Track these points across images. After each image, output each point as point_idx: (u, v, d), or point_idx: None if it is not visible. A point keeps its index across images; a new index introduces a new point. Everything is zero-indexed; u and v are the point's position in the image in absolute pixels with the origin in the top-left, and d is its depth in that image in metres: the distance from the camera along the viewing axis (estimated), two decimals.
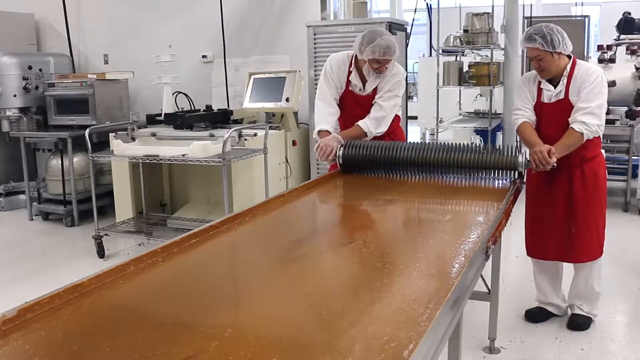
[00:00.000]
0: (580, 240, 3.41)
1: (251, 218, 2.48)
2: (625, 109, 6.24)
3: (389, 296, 1.61)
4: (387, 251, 2.13)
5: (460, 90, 8.05)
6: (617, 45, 6.81)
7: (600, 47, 6.83)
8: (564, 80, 3.29)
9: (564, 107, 3.27)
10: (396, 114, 3.77)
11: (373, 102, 3.62)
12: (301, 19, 5.88)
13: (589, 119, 3.17)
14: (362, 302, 1.57)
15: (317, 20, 5.87)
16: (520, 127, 3.41)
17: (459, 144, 3.08)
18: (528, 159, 3.03)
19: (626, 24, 6.96)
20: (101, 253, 5.06)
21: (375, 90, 3.63)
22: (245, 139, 4.96)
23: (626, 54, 6.65)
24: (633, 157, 6.36)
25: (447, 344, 1.98)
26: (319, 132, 3.57)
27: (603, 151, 3.52)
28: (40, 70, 6.62)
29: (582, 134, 3.17)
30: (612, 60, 6.53)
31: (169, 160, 4.73)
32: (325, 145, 3.33)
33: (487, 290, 3.22)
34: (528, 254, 3.64)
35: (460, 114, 8.23)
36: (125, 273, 1.79)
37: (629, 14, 7.11)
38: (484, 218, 2.48)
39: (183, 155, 4.58)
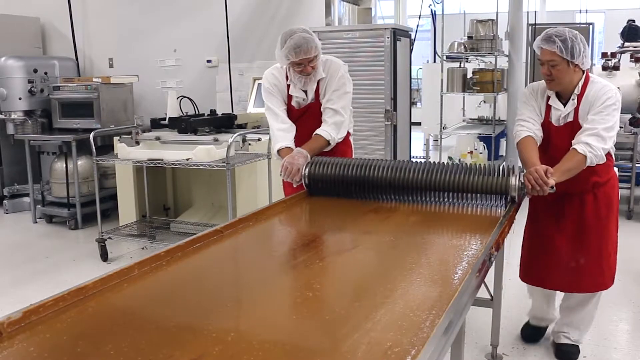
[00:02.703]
0: (589, 271, 3.05)
1: (255, 223, 2.49)
2: (629, 116, 6.24)
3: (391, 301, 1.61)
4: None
5: (464, 97, 8.07)
6: (621, 52, 6.82)
7: (604, 55, 6.83)
8: (574, 100, 2.90)
9: (574, 130, 2.88)
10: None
11: (323, 108, 3.27)
12: (305, 24, 5.85)
13: (595, 142, 2.75)
14: (365, 307, 1.57)
15: (322, 25, 5.89)
16: (522, 141, 2.95)
17: (445, 162, 2.77)
18: (522, 181, 2.66)
19: (630, 32, 6.97)
20: (104, 256, 5.06)
21: (318, 95, 3.29)
22: (249, 144, 4.97)
23: (630, 61, 6.66)
24: (637, 165, 6.35)
25: (450, 350, 1.98)
26: (279, 151, 3.21)
27: (616, 169, 3.12)
28: (46, 73, 6.64)
29: (585, 156, 2.74)
30: (616, 67, 6.54)
31: (172, 164, 4.74)
32: (290, 164, 2.96)
33: (489, 297, 3.21)
34: (522, 279, 3.29)
35: (463, 120, 8.24)
36: (129, 276, 1.80)
37: (633, 21, 7.13)
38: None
39: (187, 159, 4.59)
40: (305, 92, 3.30)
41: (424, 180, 2.69)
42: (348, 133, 3.49)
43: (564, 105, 2.93)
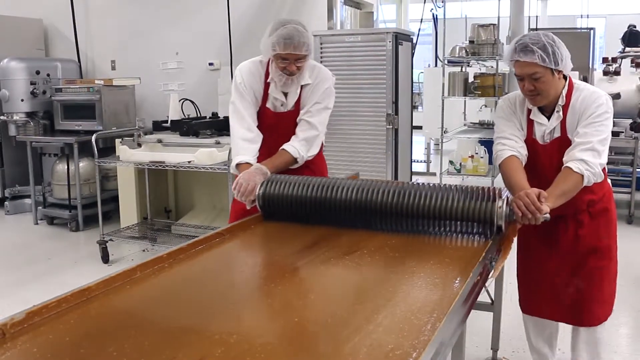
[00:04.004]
0: (589, 300, 2.66)
1: (256, 225, 2.50)
2: (630, 121, 6.26)
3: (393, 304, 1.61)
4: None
5: (465, 101, 8.07)
6: (622, 57, 6.84)
7: (605, 60, 6.86)
8: (559, 112, 2.51)
9: (563, 147, 2.49)
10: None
11: (299, 120, 2.89)
12: (307, 28, 5.90)
13: (591, 157, 2.38)
14: (367, 310, 1.58)
15: (324, 29, 5.90)
16: (505, 162, 2.53)
17: (423, 184, 2.37)
18: (511, 207, 2.24)
19: (631, 37, 6.99)
20: (105, 258, 5.07)
21: (298, 104, 2.90)
22: None
23: (631, 66, 6.67)
24: (637, 170, 6.36)
25: (450, 354, 1.99)
26: (237, 166, 2.78)
27: (609, 180, 2.77)
28: (48, 75, 6.66)
29: (582, 176, 2.36)
30: (617, 72, 6.56)
31: (174, 166, 4.75)
32: (245, 181, 2.52)
33: (490, 301, 3.22)
34: (523, 310, 2.93)
35: (465, 125, 8.25)
36: (132, 278, 1.81)
37: (634, 26, 7.15)
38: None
39: (189, 162, 4.60)
40: (286, 95, 2.90)
41: (393, 205, 2.26)
42: (322, 146, 3.11)
43: (548, 118, 2.55)
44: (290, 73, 2.77)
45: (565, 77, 2.51)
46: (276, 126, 2.91)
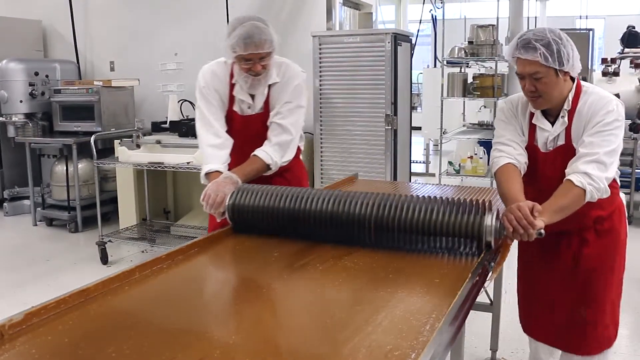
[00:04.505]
0: (592, 327, 2.44)
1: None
2: (629, 122, 6.25)
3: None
4: None
5: (464, 102, 8.07)
6: (621, 58, 6.84)
7: (604, 60, 6.85)
8: (564, 117, 2.28)
9: (567, 156, 2.26)
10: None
11: (269, 122, 2.71)
12: (307, 28, 5.90)
13: (595, 170, 2.13)
14: (366, 312, 1.58)
15: (323, 30, 5.90)
16: (500, 170, 2.31)
17: (406, 196, 2.11)
18: (502, 221, 2.02)
19: (630, 38, 6.99)
20: (104, 259, 5.07)
21: (268, 105, 2.73)
22: None
23: (630, 67, 6.67)
24: (637, 170, 6.36)
25: (449, 354, 1.99)
26: (207, 174, 2.62)
27: (622, 194, 2.52)
28: (47, 76, 6.66)
29: (584, 190, 2.11)
30: (616, 73, 6.56)
31: (173, 167, 4.75)
32: (214, 192, 2.35)
33: (489, 302, 3.22)
34: (522, 328, 2.74)
35: (464, 125, 8.25)
36: (131, 279, 1.80)
37: (633, 27, 7.15)
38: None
39: (188, 162, 4.60)
40: (253, 97, 2.73)
41: (372, 217, 2.06)
42: (299, 150, 2.93)
43: (552, 124, 2.32)
44: (255, 74, 2.60)
45: (573, 80, 2.28)
46: (245, 130, 2.74)
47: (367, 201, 2.09)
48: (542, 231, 1.98)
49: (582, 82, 2.31)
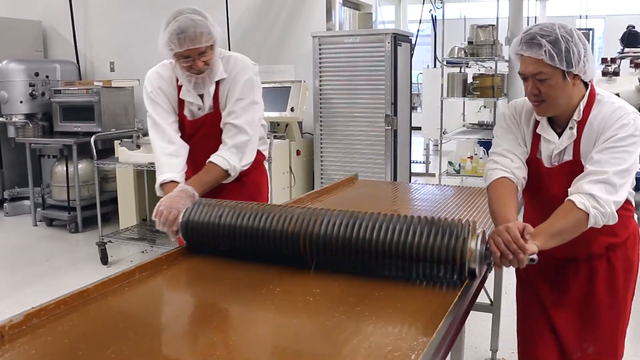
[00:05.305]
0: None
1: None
2: None
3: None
4: None
5: (464, 102, 8.07)
6: (621, 58, 6.83)
7: (604, 60, 6.85)
8: (573, 128, 1.98)
9: (574, 173, 1.95)
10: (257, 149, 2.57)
11: (223, 124, 2.47)
12: (306, 29, 5.91)
13: (603, 193, 1.83)
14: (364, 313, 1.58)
15: (323, 30, 5.91)
16: (494, 185, 2.04)
17: (385, 215, 1.80)
18: (488, 246, 1.73)
19: (630, 37, 6.99)
20: (104, 260, 5.07)
21: (217, 102, 2.50)
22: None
23: (630, 67, 6.67)
24: (637, 171, 6.35)
25: (449, 355, 1.99)
26: (161, 185, 2.39)
27: (636, 216, 2.18)
28: (47, 77, 6.66)
29: (587, 214, 1.82)
30: (616, 73, 6.55)
31: None
32: (167, 208, 2.09)
33: (489, 302, 3.22)
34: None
35: (463, 125, 8.25)
36: (130, 280, 1.80)
37: (633, 27, 7.15)
38: None
39: None
40: (202, 97, 2.50)
41: (339, 238, 1.76)
42: (261, 155, 2.70)
43: (559, 135, 2.02)
44: (197, 71, 2.37)
45: (586, 86, 1.98)
46: (198, 135, 2.52)
47: (333, 220, 1.80)
48: (535, 257, 1.71)
49: (598, 90, 2.01)
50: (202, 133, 2.53)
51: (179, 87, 2.49)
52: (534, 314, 2.23)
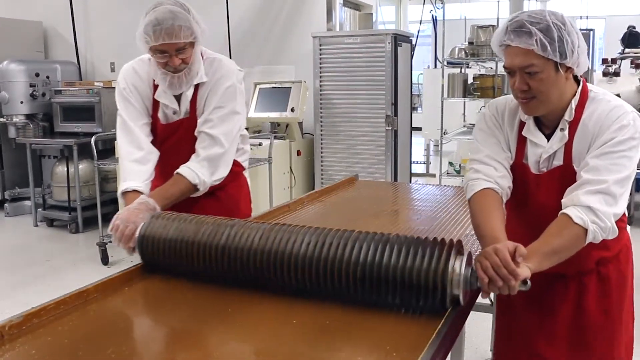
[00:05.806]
0: None
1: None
2: None
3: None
4: None
5: (464, 102, 8.07)
6: (622, 58, 6.84)
7: (604, 61, 6.86)
8: (564, 130, 1.75)
9: (565, 180, 1.74)
10: (235, 159, 2.36)
11: (197, 132, 2.24)
12: (307, 29, 5.91)
13: (602, 205, 1.62)
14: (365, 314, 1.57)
15: (323, 30, 5.91)
16: (476, 198, 1.79)
17: (361, 233, 1.58)
18: (474, 269, 1.50)
19: (631, 38, 7.00)
20: (105, 260, 5.07)
21: (194, 107, 2.27)
22: (250, 148, 4.97)
23: (630, 67, 6.67)
24: (637, 171, 6.35)
25: (449, 355, 1.99)
26: (123, 194, 2.17)
27: (629, 227, 2.00)
28: (47, 77, 6.67)
29: (586, 230, 1.60)
30: (616, 73, 6.56)
31: None
32: (123, 222, 1.89)
33: (489, 302, 3.21)
34: None
35: (464, 126, 8.25)
36: (130, 280, 1.80)
37: (634, 27, 7.16)
38: None
39: None
40: (179, 100, 2.27)
41: (306, 257, 1.56)
42: (240, 167, 2.49)
43: (548, 138, 1.79)
44: (174, 70, 2.15)
45: (577, 81, 1.76)
46: (170, 141, 2.30)
47: (301, 238, 1.59)
48: (528, 282, 1.49)
49: (590, 86, 1.79)
50: (175, 139, 2.30)
51: (155, 87, 2.26)
52: (516, 339, 1.98)
